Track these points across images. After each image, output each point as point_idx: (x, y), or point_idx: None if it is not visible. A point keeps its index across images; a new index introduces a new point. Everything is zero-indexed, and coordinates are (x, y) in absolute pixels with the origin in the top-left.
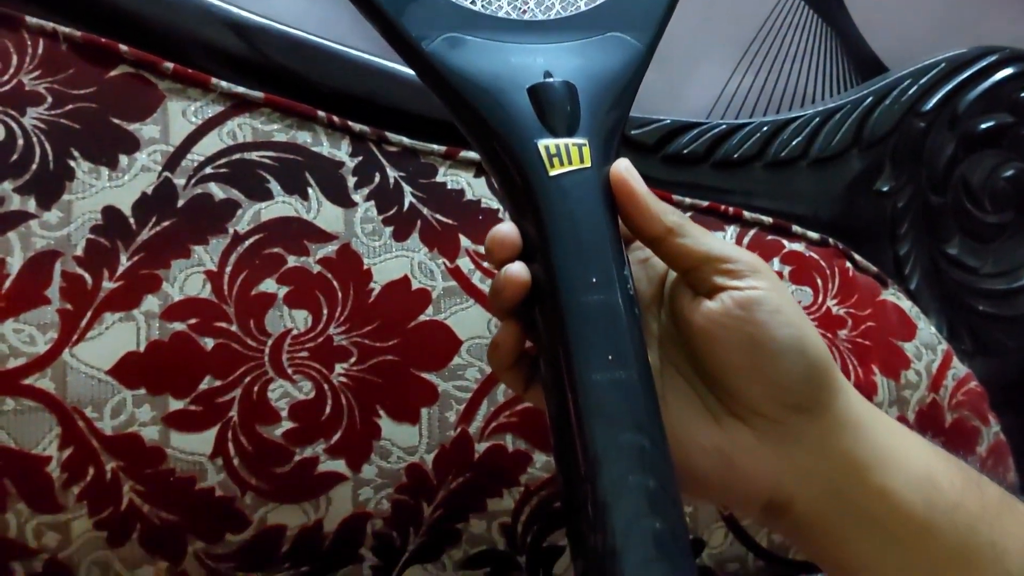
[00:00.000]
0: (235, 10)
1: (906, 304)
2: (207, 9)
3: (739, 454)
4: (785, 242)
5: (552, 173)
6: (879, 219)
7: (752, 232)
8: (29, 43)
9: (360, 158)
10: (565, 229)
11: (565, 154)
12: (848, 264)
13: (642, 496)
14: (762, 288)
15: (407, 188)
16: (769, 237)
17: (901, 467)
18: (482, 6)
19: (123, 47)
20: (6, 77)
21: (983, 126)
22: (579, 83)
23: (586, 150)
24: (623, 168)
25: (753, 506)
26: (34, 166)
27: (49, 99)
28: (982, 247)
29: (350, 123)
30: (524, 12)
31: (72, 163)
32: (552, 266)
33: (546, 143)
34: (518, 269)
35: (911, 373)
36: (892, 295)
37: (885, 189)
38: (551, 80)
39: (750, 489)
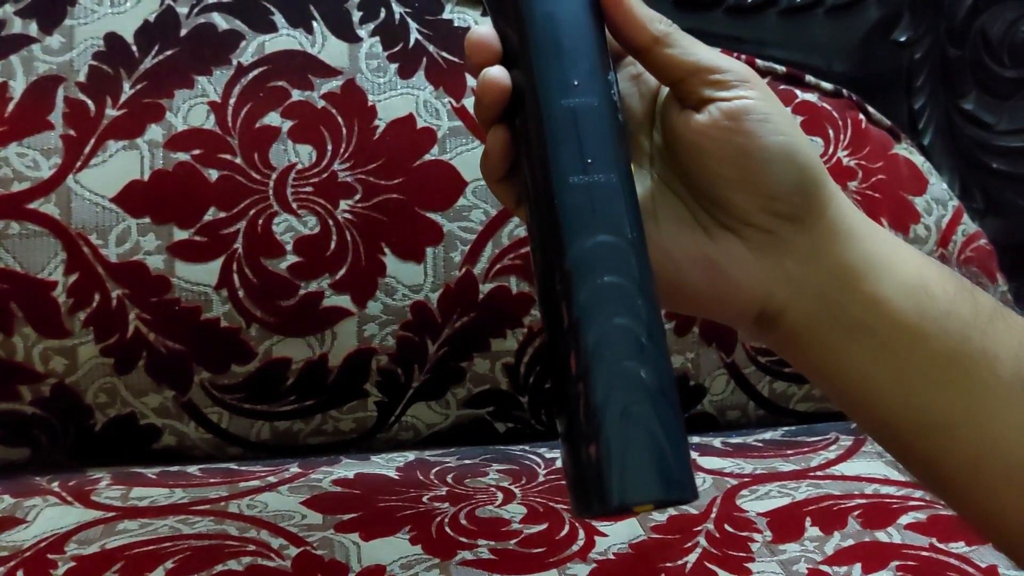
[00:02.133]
0: None
1: (918, 159)
2: None
3: (730, 265)
4: (798, 92)
5: None
6: (895, 71)
7: (764, 81)
8: None
9: None
10: (546, 30)
11: None
12: (861, 116)
13: (617, 296)
14: (750, 97)
15: (413, 24)
16: (781, 87)
17: (893, 274)
18: None
19: None
20: None
21: None
22: None
23: None
24: None
25: (745, 318)
26: None
27: None
28: (999, 103)
29: None
30: None
31: None
32: (532, 68)
33: None
34: (496, 72)
35: (920, 227)
36: (905, 149)
37: (902, 39)
38: None
39: (742, 300)
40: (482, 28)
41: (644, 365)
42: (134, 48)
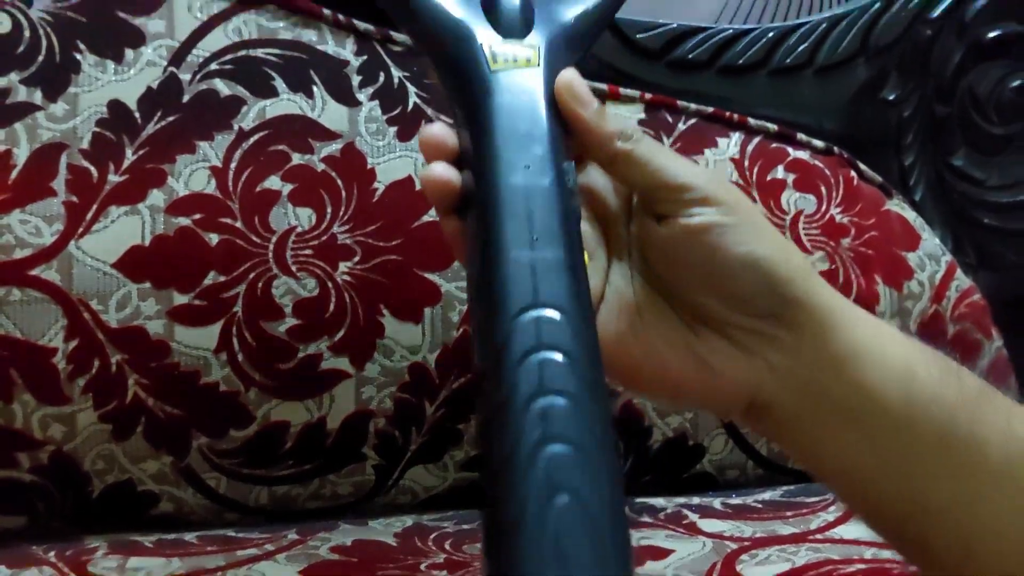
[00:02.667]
0: None
1: (910, 215)
2: None
3: (716, 361)
4: (790, 150)
5: (494, 68)
6: (884, 128)
7: (756, 139)
8: None
9: (365, 57)
10: (501, 119)
11: (511, 54)
12: (852, 173)
13: (546, 368)
14: (710, 216)
15: (411, 88)
16: (773, 145)
17: (877, 361)
18: None
19: None
20: None
21: (991, 35)
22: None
23: (535, 53)
24: (565, 85)
25: (735, 409)
26: (40, 58)
27: None
28: (988, 159)
29: (355, 22)
30: None
31: (78, 56)
32: (485, 150)
33: (491, 43)
34: (441, 170)
35: (914, 283)
36: (896, 205)
37: (891, 98)
38: None
39: (729, 393)
40: (434, 126)
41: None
42: (137, 115)
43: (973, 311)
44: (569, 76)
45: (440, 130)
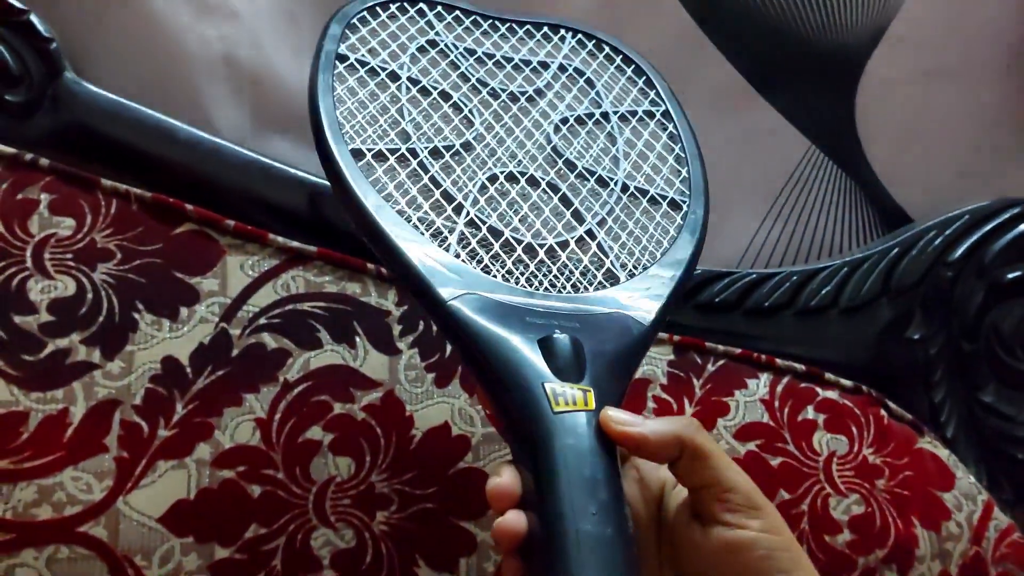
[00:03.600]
0: (293, 170)
1: (943, 452)
2: (267, 169)
3: None
4: (819, 390)
5: (556, 410)
6: (912, 366)
7: (785, 380)
8: (103, 203)
9: (405, 307)
10: (566, 463)
11: (570, 396)
12: (883, 412)
13: None
14: (755, 529)
15: None
16: (803, 385)
17: None
18: (501, 277)
19: (188, 206)
20: (80, 235)
21: (1011, 275)
22: (586, 343)
23: (590, 395)
24: (615, 423)
25: None
26: (101, 318)
27: (118, 255)
28: (1017, 394)
29: None
30: (538, 287)
31: (136, 315)
32: (551, 495)
33: (552, 385)
34: (512, 520)
35: (952, 525)
36: (929, 443)
37: (916, 337)
38: (560, 335)
39: None
40: (502, 477)
41: None
42: (189, 370)
43: (1015, 551)
44: (610, 414)
45: (508, 481)
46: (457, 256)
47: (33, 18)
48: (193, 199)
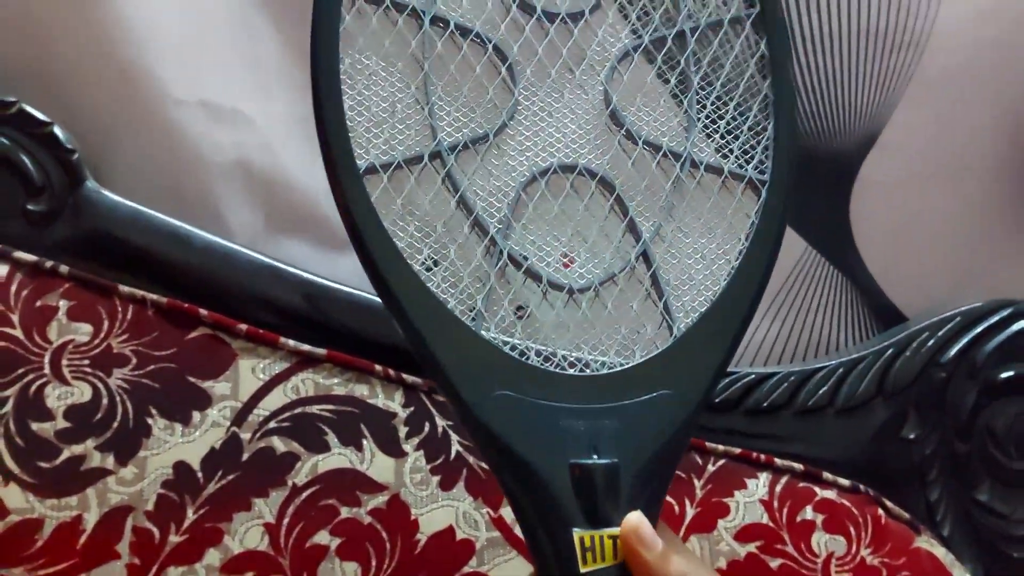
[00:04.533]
0: (304, 273)
1: (940, 551)
2: (279, 273)
3: None
4: (817, 489)
5: (583, 570)
6: (908, 465)
7: (784, 479)
8: (120, 309)
9: (412, 408)
10: None
11: (599, 549)
12: (880, 511)
13: None
14: None
15: (454, 437)
16: (801, 484)
17: None
18: (539, 360)
19: (202, 311)
20: (97, 340)
21: (1003, 375)
22: (622, 458)
23: (619, 547)
24: (632, 529)
25: None
26: (115, 424)
27: (134, 360)
28: (1012, 493)
29: (404, 376)
30: (575, 364)
31: (150, 420)
32: None
33: (582, 535)
34: None
35: None
36: (926, 542)
37: (911, 437)
38: (594, 462)
39: None
40: None
41: None
42: (200, 475)
43: None
44: (635, 520)
45: None
46: (486, 327)
47: (56, 130)
48: (208, 302)
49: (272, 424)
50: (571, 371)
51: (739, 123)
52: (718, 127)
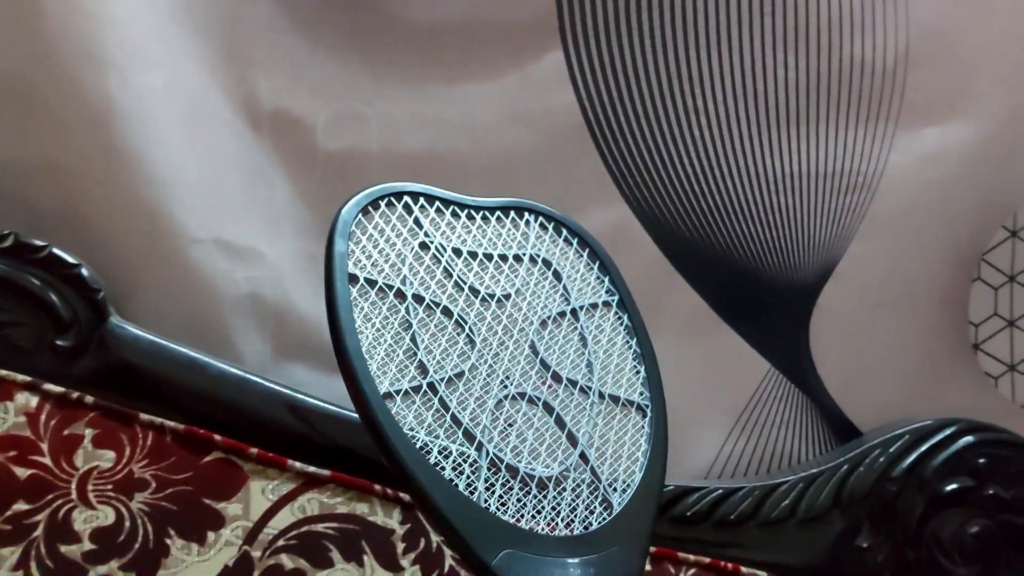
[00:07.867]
0: (310, 399)
1: None
2: (288, 400)
3: None
4: None
5: None
6: (863, 571)
7: None
8: (140, 436)
9: (409, 525)
10: None
11: None
12: None
13: None
14: None
15: (447, 552)
16: None
17: None
18: (527, 519)
19: (216, 436)
20: (120, 466)
21: (948, 488)
22: None
23: None
24: None
25: None
26: (137, 545)
27: (153, 484)
28: None
29: (401, 495)
30: (559, 524)
31: (168, 541)
32: None
33: None
34: None
35: None
36: None
37: (865, 545)
38: None
39: None
40: None
41: None
42: None
43: None
44: None
45: None
46: (487, 503)
47: (84, 271)
48: (221, 426)
49: (281, 542)
50: (556, 529)
51: (623, 367)
52: (609, 370)
